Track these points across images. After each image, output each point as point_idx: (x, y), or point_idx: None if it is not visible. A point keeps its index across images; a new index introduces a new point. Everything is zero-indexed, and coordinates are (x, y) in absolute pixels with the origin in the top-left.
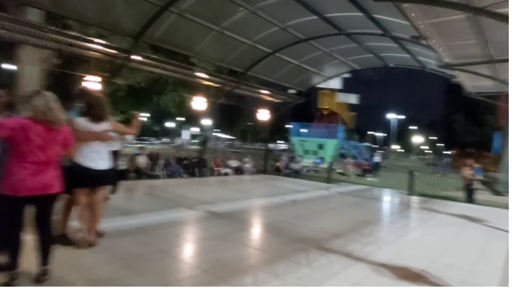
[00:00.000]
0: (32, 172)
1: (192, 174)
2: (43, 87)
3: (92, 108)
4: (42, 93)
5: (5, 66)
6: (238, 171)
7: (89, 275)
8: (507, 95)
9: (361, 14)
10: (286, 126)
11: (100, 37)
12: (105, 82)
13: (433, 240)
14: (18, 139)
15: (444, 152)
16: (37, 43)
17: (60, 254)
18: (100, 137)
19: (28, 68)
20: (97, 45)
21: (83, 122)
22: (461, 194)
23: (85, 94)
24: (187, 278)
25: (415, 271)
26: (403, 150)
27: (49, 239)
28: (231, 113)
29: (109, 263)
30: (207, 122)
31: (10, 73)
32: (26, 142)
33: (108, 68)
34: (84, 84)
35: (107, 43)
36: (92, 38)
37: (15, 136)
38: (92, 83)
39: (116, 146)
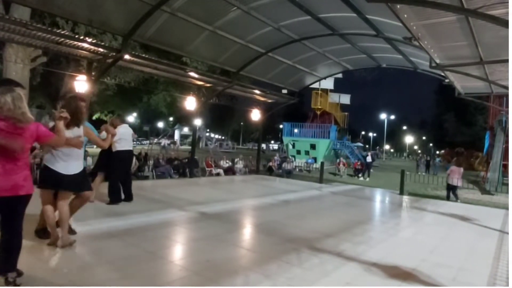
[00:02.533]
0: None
1: (182, 175)
2: (26, 85)
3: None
4: (11, 90)
5: None
6: (230, 171)
7: (75, 279)
8: (496, 96)
9: (354, 14)
10: (279, 126)
11: (89, 35)
12: (93, 82)
13: (424, 239)
14: None
15: (436, 151)
16: (24, 41)
17: (46, 256)
18: (70, 142)
19: (15, 66)
20: (85, 44)
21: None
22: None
23: (66, 96)
24: (177, 280)
25: (406, 270)
26: (392, 150)
27: (17, 244)
28: (224, 113)
29: (96, 266)
30: (199, 122)
31: None
32: None
33: (96, 67)
34: (71, 83)
35: (96, 42)
36: (80, 37)
37: None
38: (80, 82)
39: (128, 146)
